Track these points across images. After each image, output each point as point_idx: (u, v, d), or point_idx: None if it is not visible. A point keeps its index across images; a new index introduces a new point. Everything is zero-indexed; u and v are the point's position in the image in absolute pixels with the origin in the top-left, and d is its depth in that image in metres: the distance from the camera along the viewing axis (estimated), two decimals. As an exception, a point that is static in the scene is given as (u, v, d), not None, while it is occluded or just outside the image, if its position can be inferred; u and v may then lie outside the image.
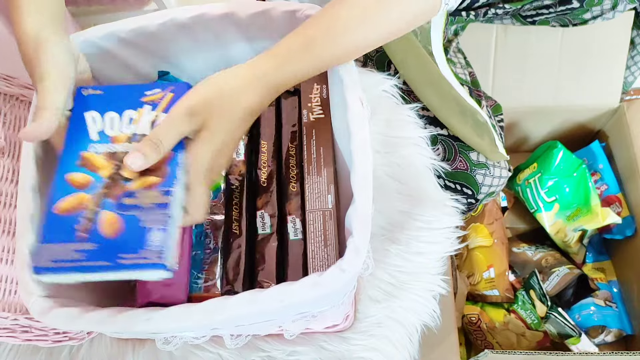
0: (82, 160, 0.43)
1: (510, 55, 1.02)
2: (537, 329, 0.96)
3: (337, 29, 0.46)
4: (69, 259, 0.39)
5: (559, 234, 1.05)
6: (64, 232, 0.40)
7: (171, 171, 0.42)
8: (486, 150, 0.79)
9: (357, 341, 0.61)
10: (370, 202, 0.42)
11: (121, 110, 0.45)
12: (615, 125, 1.07)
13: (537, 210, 1.06)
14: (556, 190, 1.05)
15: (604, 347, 1.03)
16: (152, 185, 0.41)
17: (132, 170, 0.41)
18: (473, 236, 1.02)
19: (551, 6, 0.88)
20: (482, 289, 1.01)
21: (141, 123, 0.44)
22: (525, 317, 0.97)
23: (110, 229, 0.40)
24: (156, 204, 0.40)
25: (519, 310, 0.97)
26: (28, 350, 0.61)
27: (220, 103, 0.43)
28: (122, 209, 0.41)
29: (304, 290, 0.40)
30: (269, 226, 0.50)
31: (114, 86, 0.48)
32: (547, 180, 1.06)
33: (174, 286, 0.47)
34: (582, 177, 1.06)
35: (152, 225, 0.40)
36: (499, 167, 0.82)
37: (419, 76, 0.79)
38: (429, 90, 0.79)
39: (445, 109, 0.78)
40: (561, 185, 1.05)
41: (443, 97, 0.78)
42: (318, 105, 0.52)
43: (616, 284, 1.09)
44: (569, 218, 1.05)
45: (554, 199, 1.05)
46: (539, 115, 1.09)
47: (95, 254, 0.39)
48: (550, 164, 1.07)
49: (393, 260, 0.64)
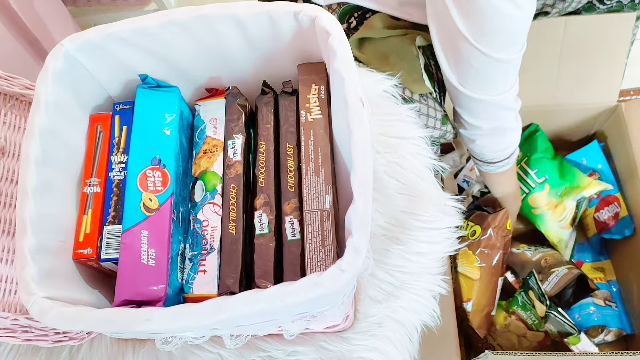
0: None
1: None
2: (538, 329, 0.95)
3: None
4: None
5: (558, 209, 1.05)
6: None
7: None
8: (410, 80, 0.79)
9: (357, 341, 0.61)
10: (370, 202, 0.42)
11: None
12: (613, 125, 1.08)
13: (529, 193, 1.06)
14: (545, 170, 1.07)
15: (604, 347, 1.03)
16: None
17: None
18: (462, 261, 0.97)
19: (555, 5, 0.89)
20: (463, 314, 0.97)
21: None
22: (525, 318, 0.97)
23: None
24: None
25: (519, 312, 0.97)
26: (28, 350, 0.61)
27: None
28: None
29: (303, 290, 0.40)
30: (267, 226, 0.50)
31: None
32: (535, 161, 1.07)
33: (152, 283, 0.47)
34: (562, 159, 1.09)
35: None
36: (427, 105, 0.82)
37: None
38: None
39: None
40: (549, 165, 1.07)
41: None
42: (316, 105, 0.52)
43: (615, 283, 1.09)
44: (562, 195, 1.05)
45: (544, 180, 1.06)
46: (538, 115, 1.09)
47: None
48: (535, 145, 1.08)
49: (393, 260, 0.64)
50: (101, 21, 1.22)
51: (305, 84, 0.53)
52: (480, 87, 0.72)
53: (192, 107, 0.58)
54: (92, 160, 0.54)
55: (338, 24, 0.48)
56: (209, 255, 0.50)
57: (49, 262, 0.46)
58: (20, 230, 0.44)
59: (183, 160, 0.54)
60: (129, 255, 0.48)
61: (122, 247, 0.48)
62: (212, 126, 0.55)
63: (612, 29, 0.94)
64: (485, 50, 0.65)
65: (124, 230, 0.49)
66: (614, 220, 1.06)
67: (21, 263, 0.43)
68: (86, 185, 0.53)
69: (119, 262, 0.48)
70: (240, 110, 0.55)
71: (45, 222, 0.46)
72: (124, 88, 0.56)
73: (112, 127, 0.55)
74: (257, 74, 0.57)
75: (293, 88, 0.55)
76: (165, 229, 0.49)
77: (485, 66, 0.68)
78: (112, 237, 0.51)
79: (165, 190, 0.50)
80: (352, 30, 0.88)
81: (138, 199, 0.49)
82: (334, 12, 0.90)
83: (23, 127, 0.63)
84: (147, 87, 0.54)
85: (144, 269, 0.47)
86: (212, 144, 0.54)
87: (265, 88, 0.57)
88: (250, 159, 0.54)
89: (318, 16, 0.48)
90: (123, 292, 0.47)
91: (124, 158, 0.53)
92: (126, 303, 0.47)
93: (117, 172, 0.53)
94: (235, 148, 0.53)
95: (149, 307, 0.45)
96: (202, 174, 0.53)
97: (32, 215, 0.44)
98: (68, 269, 0.50)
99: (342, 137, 0.49)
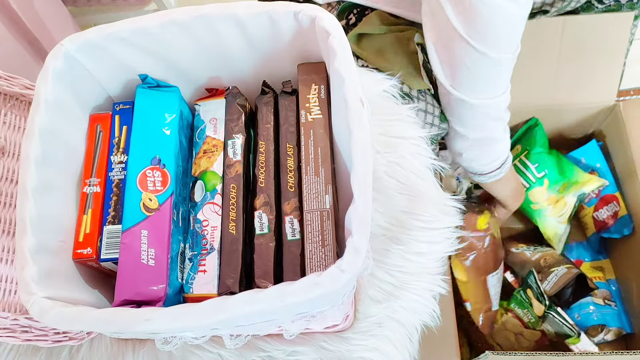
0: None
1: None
2: (535, 328, 0.96)
3: None
4: None
5: (559, 205, 1.05)
6: None
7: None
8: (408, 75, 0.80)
9: (357, 341, 0.61)
10: (370, 202, 0.42)
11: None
12: (612, 124, 1.08)
13: (530, 188, 1.06)
14: (545, 164, 1.07)
15: (603, 346, 1.03)
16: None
17: None
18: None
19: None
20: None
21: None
22: (522, 316, 0.97)
23: None
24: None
25: (516, 309, 0.97)
26: (28, 350, 0.61)
27: None
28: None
29: (303, 290, 0.40)
30: (267, 226, 0.50)
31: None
32: (536, 155, 1.07)
33: (152, 283, 0.47)
34: (558, 154, 1.08)
35: None
36: (425, 101, 0.82)
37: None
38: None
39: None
40: (548, 160, 1.07)
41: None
42: (316, 105, 0.52)
43: (615, 282, 1.10)
44: (560, 191, 1.05)
45: (543, 174, 1.06)
46: (536, 114, 1.10)
47: None
48: (534, 139, 1.08)
49: (393, 260, 0.64)
50: (101, 21, 1.22)
51: (305, 83, 0.53)
52: (472, 89, 0.72)
53: (192, 107, 0.58)
54: (92, 160, 0.54)
55: (338, 23, 0.48)
56: (209, 255, 0.50)
57: (49, 262, 0.46)
58: (20, 230, 0.44)
59: (183, 160, 0.54)
60: (129, 255, 0.48)
61: (122, 247, 0.48)
62: (212, 126, 0.55)
63: (611, 28, 0.94)
64: (480, 48, 0.65)
65: (124, 230, 0.49)
66: (613, 220, 1.06)
67: (21, 263, 0.43)
68: (86, 185, 0.53)
69: (119, 262, 0.48)
70: (240, 110, 0.55)
71: (45, 222, 0.46)
72: (124, 88, 0.56)
73: (112, 127, 0.55)
74: (257, 74, 0.57)
75: (293, 88, 0.55)
76: (165, 228, 0.49)
77: (479, 65, 0.68)
78: (112, 237, 0.51)
79: (165, 190, 0.50)
80: (351, 27, 0.88)
81: (138, 198, 0.49)
82: (333, 10, 0.90)
83: (23, 127, 0.63)
84: (147, 87, 0.54)
85: (143, 269, 0.47)
86: (212, 143, 0.54)
87: (265, 88, 0.57)
88: (250, 159, 0.55)
89: (318, 16, 0.49)
90: (123, 292, 0.47)
91: (124, 158, 0.53)
92: (126, 303, 0.47)
93: (117, 172, 0.53)
94: (235, 148, 0.53)
95: (149, 307, 0.45)
96: (202, 174, 0.53)
97: (32, 215, 0.44)
98: (68, 269, 0.50)
99: (342, 137, 0.49)
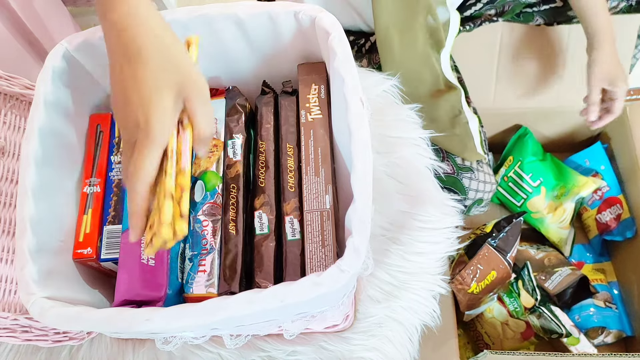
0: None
1: (512, 57, 1.02)
2: (519, 317, 0.96)
3: None
4: None
5: (558, 212, 1.05)
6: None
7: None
8: (464, 148, 0.83)
9: (357, 341, 0.61)
10: (370, 202, 0.42)
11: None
12: (617, 126, 1.08)
13: (527, 198, 1.06)
14: (539, 172, 1.07)
15: (603, 349, 1.03)
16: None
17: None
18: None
19: (535, 5, 0.90)
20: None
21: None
22: (508, 304, 0.98)
23: None
24: None
25: (504, 297, 0.99)
26: (28, 350, 0.61)
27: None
28: None
29: (303, 290, 0.40)
30: (267, 226, 0.50)
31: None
32: (529, 165, 1.07)
33: (151, 283, 0.47)
34: (552, 159, 1.09)
35: None
36: (483, 171, 0.86)
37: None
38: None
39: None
40: (541, 167, 1.07)
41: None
42: (316, 105, 0.52)
43: (616, 285, 1.09)
44: (558, 197, 1.05)
45: (539, 183, 1.07)
46: (541, 116, 1.10)
47: None
48: (526, 149, 1.09)
49: (393, 260, 0.64)
50: (102, 21, 1.21)
51: (305, 83, 0.53)
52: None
53: (192, 107, 0.58)
54: (92, 160, 0.54)
55: (338, 23, 0.48)
56: (209, 255, 0.50)
57: (49, 262, 0.46)
58: (20, 230, 0.44)
59: (183, 160, 0.54)
60: (129, 255, 0.48)
61: (122, 247, 0.48)
62: (212, 126, 0.55)
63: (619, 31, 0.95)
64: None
65: (124, 230, 0.49)
66: (616, 222, 1.06)
67: (21, 263, 0.43)
68: (86, 185, 0.53)
69: (119, 262, 0.48)
70: (240, 110, 0.55)
71: (45, 222, 0.46)
72: (124, 88, 0.56)
73: (112, 127, 0.55)
74: (257, 74, 0.57)
75: (293, 88, 0.55)
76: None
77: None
78: (112, 237, 0.51)
79: None
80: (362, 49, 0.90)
81: None
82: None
83: (23, 127, 0.63)
84: None
85: (144, 269, 0.47)
86: (212, 143, 0.54)
87: (265, 88, 0.57)
88: (251, 159, 0.54)
89: (318, 16, 0.49)
90: (123, 292, 0.47)
91: (124, 158, 0.53)
92: (126, 303, 0.47)
93: (117, 172, 0.53)
94: (235, 148, 0.53)
95: (149, 307, 0.45)
96: (202, 174, 0.53)
97: (32, 215, 0.44)
98: (68, 269, 0.50)
99: (342, 137, 0.49)
